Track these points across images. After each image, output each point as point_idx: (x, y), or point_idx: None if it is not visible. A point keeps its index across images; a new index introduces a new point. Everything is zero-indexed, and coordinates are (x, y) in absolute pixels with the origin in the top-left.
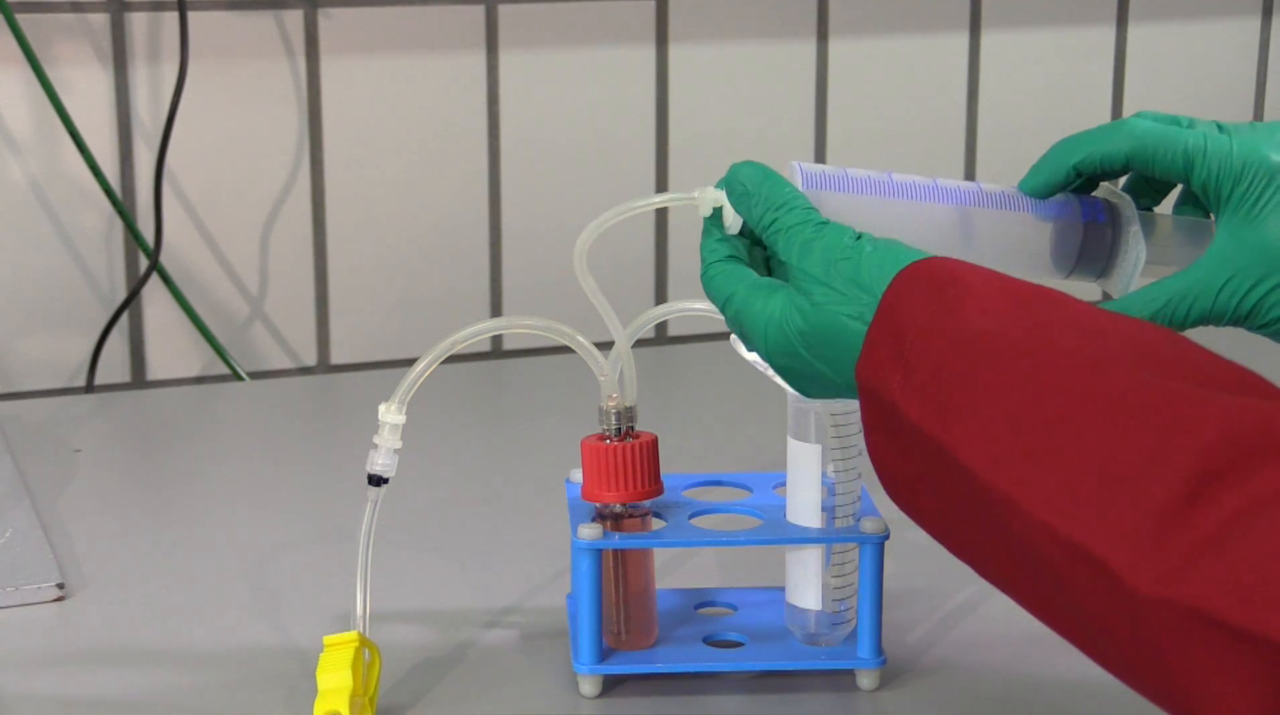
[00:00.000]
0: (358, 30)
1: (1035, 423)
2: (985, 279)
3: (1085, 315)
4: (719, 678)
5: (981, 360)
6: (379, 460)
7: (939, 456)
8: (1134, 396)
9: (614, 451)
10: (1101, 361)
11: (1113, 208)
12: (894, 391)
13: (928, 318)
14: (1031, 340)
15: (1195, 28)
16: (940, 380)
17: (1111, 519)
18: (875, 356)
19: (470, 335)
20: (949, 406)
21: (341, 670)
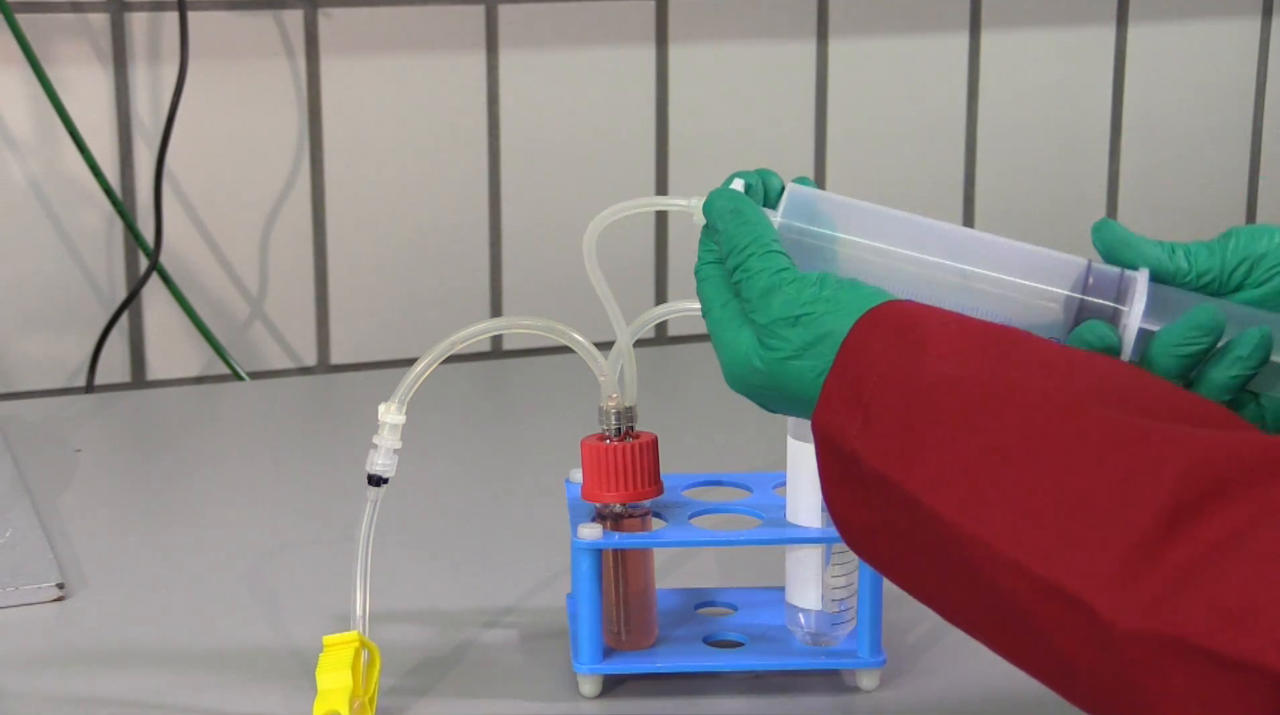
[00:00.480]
0: (358, 30)
1: (1002, 463)
2: (943, 321)
3: (1047, 352)
4: (719, 677)
5: (944, 404)
6: (379, 460)
7: (903, 503)
8: (1101, 433)
9: (614, 451)
10: (1067, 399)
11: (1124, 281)
12: (853, 440)
13: (887, 365)
14: (994, 381)
15: (1195, 28)
16: (902, 426)
17: (1086, 555)
18: (833, 406)
19: (470, 335)
20: (912, 452)
21: (341, 670)
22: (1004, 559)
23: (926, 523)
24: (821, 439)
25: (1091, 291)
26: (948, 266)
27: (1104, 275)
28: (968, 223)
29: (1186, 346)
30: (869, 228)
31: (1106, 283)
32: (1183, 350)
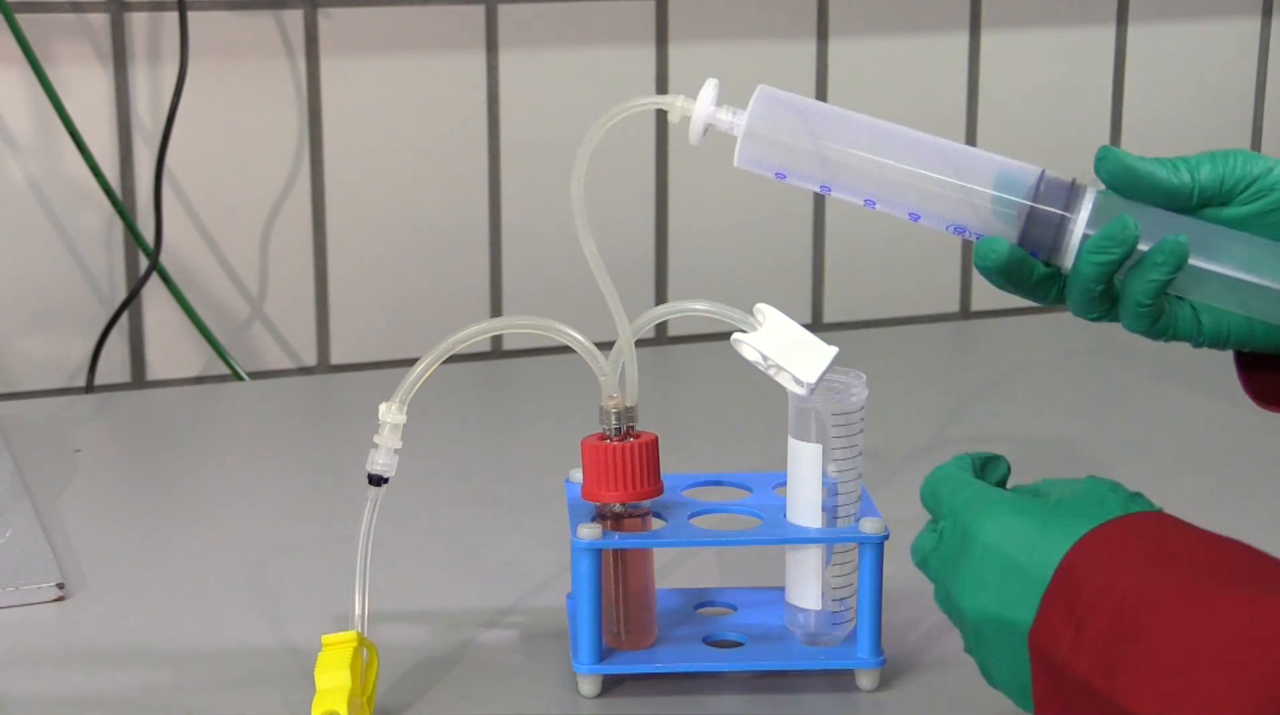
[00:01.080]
0: (358, 30)
1: (1200, 667)
2: (1159, 531)
3: (1262, 566)
4: (718, 678)
5: (1147, 609)
6: (379, 460)
7: (1109, 712)
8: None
9: (614, 451)
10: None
11: (1074, 190)
12: (1064, 652)
13: (1101, 578)
14: (1197, 590)
15: (1195, 28)
16: (1110, 635)
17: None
18: (1048, 623)
19: (470, 335)
20: (1117, 659)
21: (340, 670)
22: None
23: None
24: (1038, 655)
25: (1042, 199)
26: (904, 169)
27: (1054, 184)
28: None
29: (1101, 254)
30: (832, 129)
31: (1056, 191)
32: (1098, 258)
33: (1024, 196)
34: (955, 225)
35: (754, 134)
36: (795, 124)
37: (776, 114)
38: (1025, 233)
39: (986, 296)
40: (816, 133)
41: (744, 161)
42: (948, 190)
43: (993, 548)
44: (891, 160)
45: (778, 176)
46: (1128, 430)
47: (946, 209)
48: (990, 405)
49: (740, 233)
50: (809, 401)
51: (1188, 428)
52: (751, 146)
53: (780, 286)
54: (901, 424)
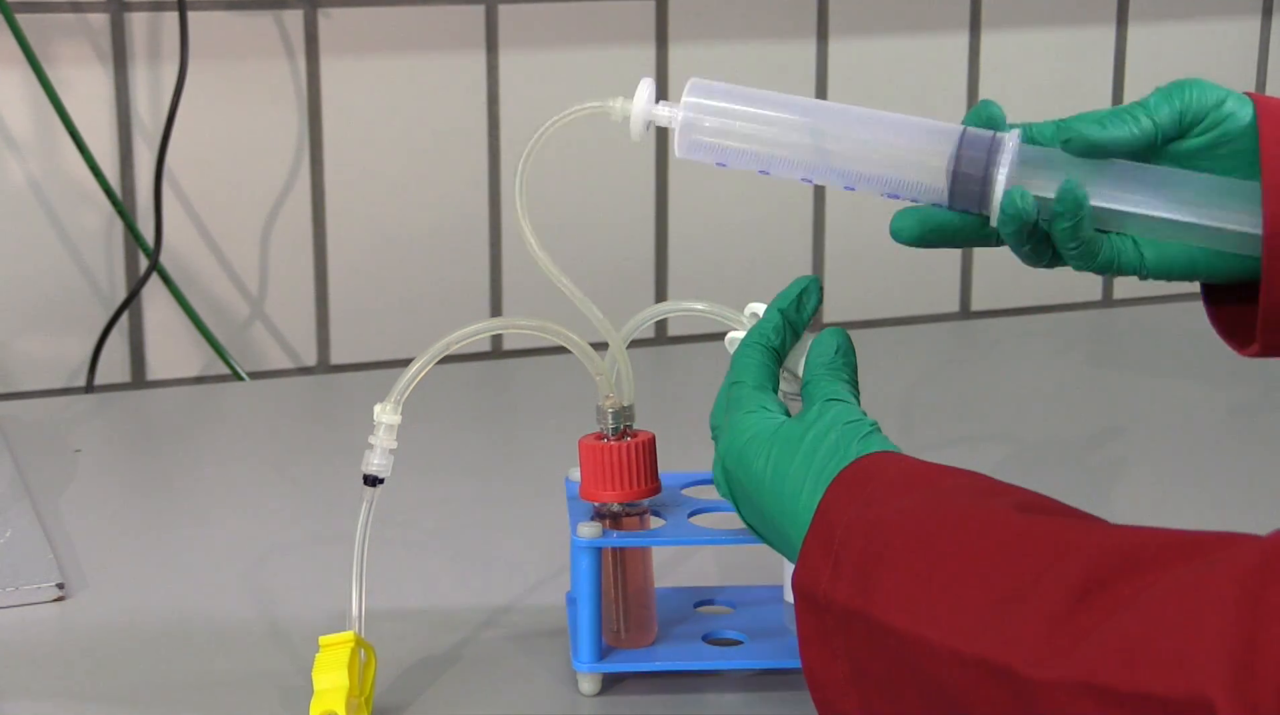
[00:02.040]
0: (358, 30)
1: (939, 569)
2: (896, 469)
3: (975, 482)
4: (718, 676)
5: (893, 536)
6: (374, 460)
7: (866, 631)
8: (1023, 530)
9: (611, 451)
10: (991, 511)
11: (995, 144)
12: (824, 585)
13: (852, 514)
14: (933, 506)
15: (1195, 28)
16: (863, 562)
17: (1009, 628)
18: (810, 561)
19: (466, 335)
20: (872, 581)
21: (338, 671)
22: (942, 651)
23: (887, 643)
24: (801, 596)
25: (964, 158)
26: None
27: (976, 141)
28: None
29: (1008, 225)
30: (761, 113)
31: (978, 148)
32: (1007, 228)
33: (948, 156)
34: (889, 193)
35: (690, 125)
36: (726, 111)
37: (708, 104)
38: (953, 192)
39: (986, 296)
40: (746, 118)
41: (684, 152)
42: (875, 158)
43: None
44: (817, 137)
45: (718, 164)
46: (1127, 430)
47: (878, 173)
48: (990, 405)
49: (740, 233)
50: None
51: (1187, 428)
52: (688, 137)
53: (780, 286)
54: (901, 423)
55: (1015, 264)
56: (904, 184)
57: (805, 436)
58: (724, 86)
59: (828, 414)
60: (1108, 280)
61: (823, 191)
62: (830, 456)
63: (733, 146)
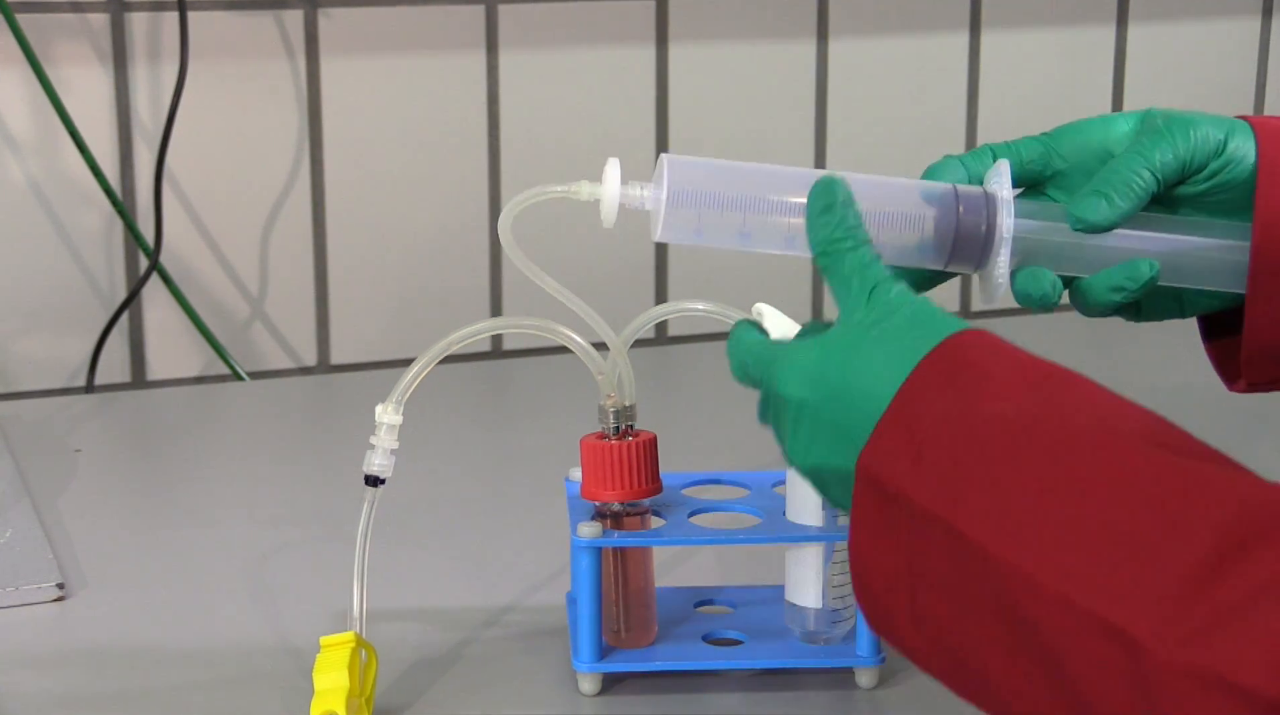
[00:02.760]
0: (358, 30)
1: (1052, 498)
2: (1000, 359)
3: (1098, 395)
4: (718, 675)
5: (996, 442)
6: (376, 461)
7: (947, 540)
8: (1152, 472)
9: (612, 450)
10: (1118, 440)
11: (991, 202)
12: (902, 477)
13: (943, 406)
14: (1047, 421)
15: (1195, 28)
16: (954, 463)
17: (1133, 588)
18: (884, 445)
19: (467, 335)
20: (962, 487)
21: (338, 671)
22: (1046, 592)
23: (969, 559)
24: (866, 479)
25: (964, 214)
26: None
27: (971, 196)
28: None
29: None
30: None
31: (975, 203)
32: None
33: (948, 227)
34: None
35: (670, 203)
36: (703, 191)
37: (685, 184)
38: (951, 258)
39: None
40: (720, 197)
41: (663, 235)
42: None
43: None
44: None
45: (696, 237)
46: None
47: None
48: None
49: None
50: None
51: (1186, 428)
52: (668, 220)
53: (780, 286)
54: None
55: None
56: (894, 256)
57: (870, 314)
58: (694, 162)
59: (887, 288)
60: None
61: None
62: (910, 331)
63: (708, 231)
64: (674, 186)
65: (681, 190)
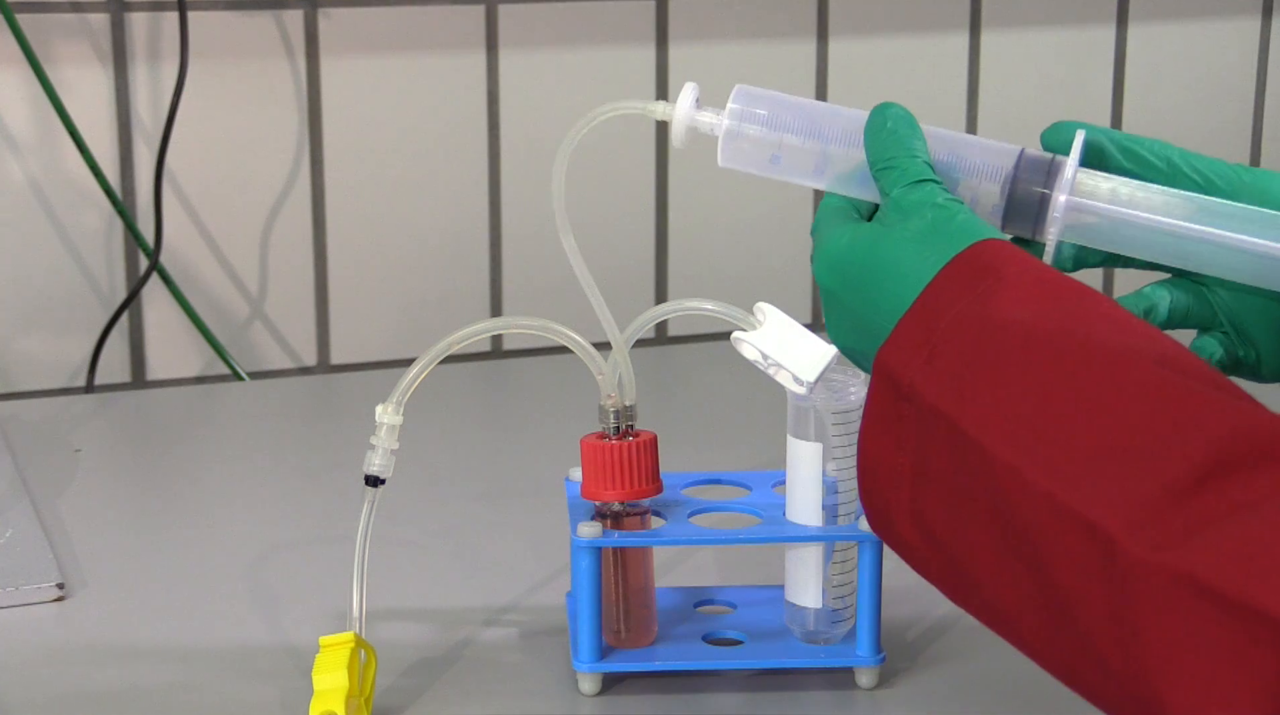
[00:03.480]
0: (358, 30)
1: (1053, 403)
2: (1021, 269)
3: (1111, 309)
4: (718, 675)
5: (1006, 345)
6: (376, 461)
7: (949, 437)
8: (1153, 387)
9: (613, 450)
10: (1125, 354)
11: (1053, 166)
12: (914, 373)
13: (961, 308)
14: (1059, 330)
15: (1195, 28)
16: (965, 363)
17: (1115, 491)
18: (901, 342)
19: (468, 336)
20: (970, 387)
21: (338, 671)
22: (1035, 488)
23: (969, 457)
24: (881, 374)
25: (1022, 177)
26: None
27: (1034, 160)
28: None
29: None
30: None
31: (1037, 166)
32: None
33: (1005, 178)
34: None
35: (734, 133)
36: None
37: (754, 110)
38: (1006, 216)
39: None
40: (793, 126)
41: (727, 161)
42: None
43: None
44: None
45: (769, 166)
46: None
47: None
48: None
49: (740, 233)
50: (808, 400)
51: None
52: (732, 145)
53: (780, 286)
54: None
55: None
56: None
57: (911, 216)
58: (768, 93)
59: (929, 194)
60: (1107, 280)
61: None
62: (940, 234)
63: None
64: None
65: (750, 112)
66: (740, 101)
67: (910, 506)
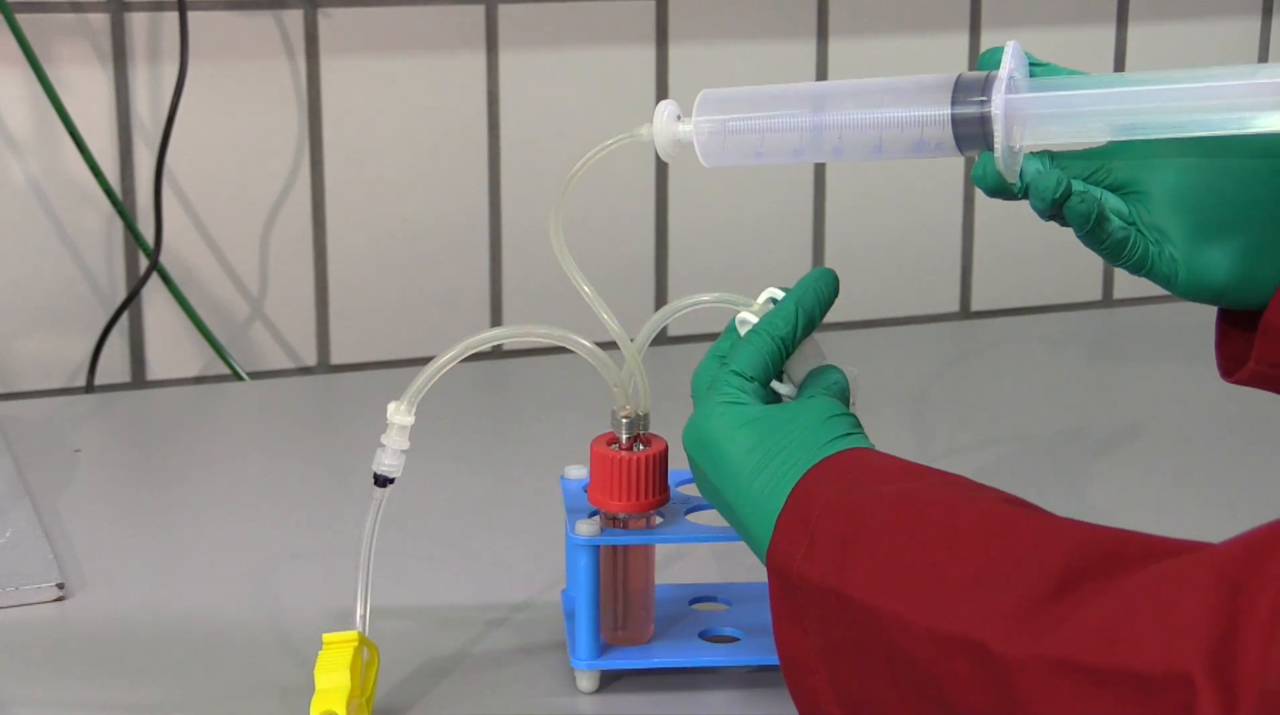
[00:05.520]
0: (358, 30)
1: (921, 550)
2: (879, 459)
3: (961, 480)
4: (715, 672)
5: (876, 516)
6: (386, 460)
7: (840, 607)
8: (1003, 520)
9: (623, 462)
10: (978, 499)
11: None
12: (798, 563)
13: (831, 495)
14: (919, 493)
15: (1195, 28)
16: (840, 540)
17: (987, 607)
18: (783, 541)
19: (485, 340)
20: (847, 558)
21: (339, 670)
22: (916, 628)
23: (858, 618)
24: (774, 572)
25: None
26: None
27: (968, 78)
28: (968, 222)
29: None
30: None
31: (972, 83)
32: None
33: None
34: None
35: (707, 141)
36: (733, 107)
37: (715, 109)
38: (957, 136)
39: (986, 296)
40: (752, 110)
41: (712, 163)
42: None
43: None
44: (822, 108)
45: (753, 159)
46: (1127, 430)
47: (902, 136)
48: (990, 405)
49: (740, 233)
50: None
51: (1187, 427)
52: (709, 147)
53: (780, 285)
54: (901, 424)
55: (1015, 264)
56: (916, 147)
57: (787, 425)
58: (729, 91)
59: (813, 406)
60: (1107, 280)
61: (822, 191)
62: (810, 444)
63: (745, 137)
64: (707, 117)
65: (715, 119)
66: (705, 111)
67: (831, 688)
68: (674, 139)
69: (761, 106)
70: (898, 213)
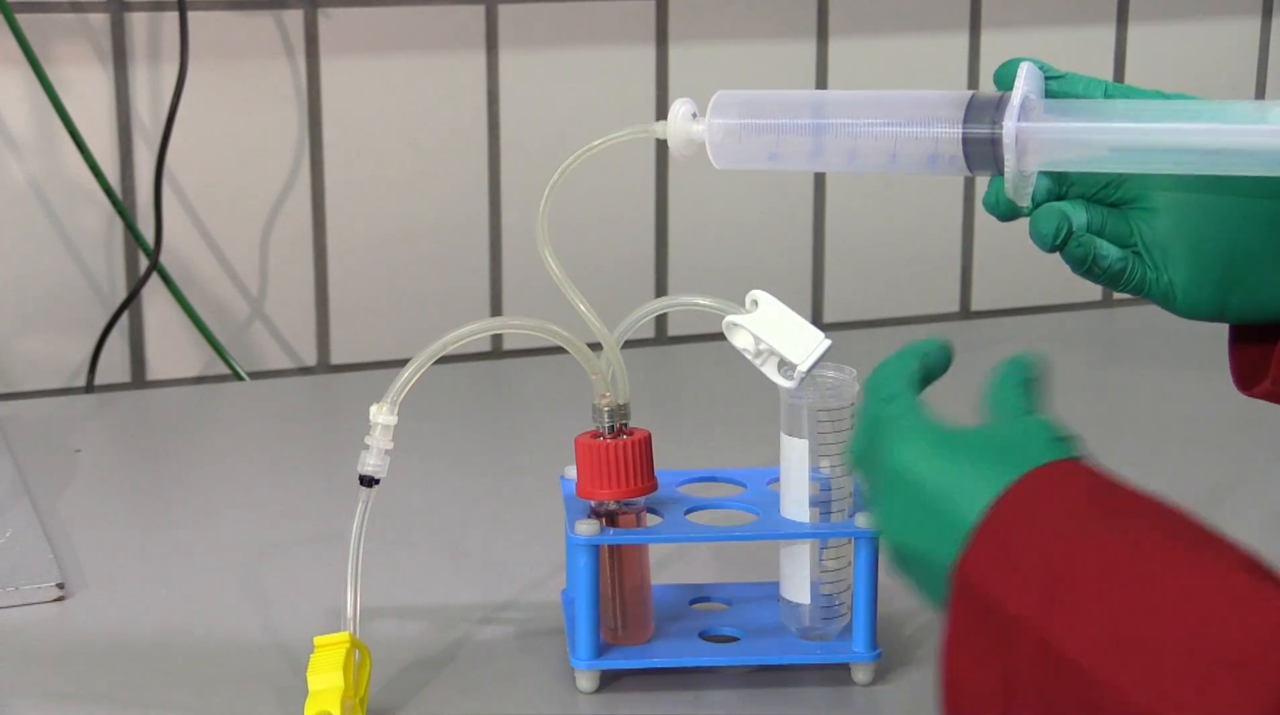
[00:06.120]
0: (358, 30)
1: (1144, 615)
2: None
3: (1186, 524)
4: (715, 672)
5: (1086, 560)
6: (370, 461)
7: (1038, 653)
8: (1240, 597)
9: (606, 449)
10: (1210, 561)
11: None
12: (995, 587)
13: (1038, 520)
14: (1133, 544)
15: (1195, 28)
16: (1047, 573)
17: (1231, 697)
18: (978, 555)
19: (463, 335)
20: (1053, 603)
21: (333, 671)
22: (1137, 708)
23: (1059, 669)
24: (961, 586)
25: (971, 115)
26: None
27: (982, 98)
28: (968, 222)
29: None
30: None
31: (985, 104)
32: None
33: (958, 122)
34: (922, 164)
35: (720, 143)
36: (749, 110)
37: (731, 111)
38: (968, 159)
39: (986, 296)
40: (768, 114)
41: (724, 164)
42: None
43: (910, 480)
44: (858, 118)
45: (767, 161)
46: (1127, 430)
47: (916, 151)
48: None
49: (740, 232)
50: (800, 397)
51: (1188, 427)
52: (723, 148)
53: (780, 286)
54: None
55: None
56: (927, 162)
57: (990, 435)
58: (744, 94)
59: (1017, 419)
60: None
61: (823, 191)
62: (1016, 452)
63: (758, 141)
64: (722, 105)
65: (729, 124)
66: (720, 113)
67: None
68: (688, 138)
69: (776, 113)
70: (898, 213)
